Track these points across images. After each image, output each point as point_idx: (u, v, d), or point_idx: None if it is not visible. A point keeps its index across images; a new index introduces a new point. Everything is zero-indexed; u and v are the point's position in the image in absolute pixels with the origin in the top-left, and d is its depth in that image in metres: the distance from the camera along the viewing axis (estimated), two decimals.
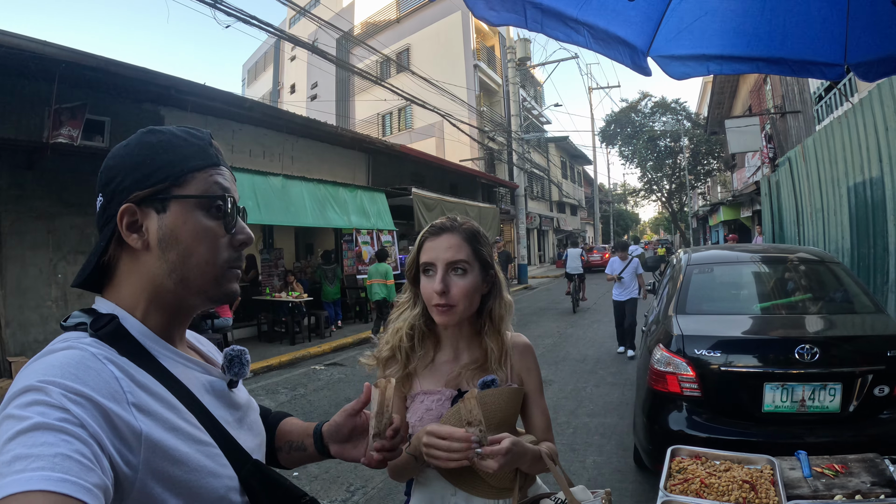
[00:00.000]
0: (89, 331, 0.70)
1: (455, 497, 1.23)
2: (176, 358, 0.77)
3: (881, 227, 5.53)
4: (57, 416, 0.55)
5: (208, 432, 0.73)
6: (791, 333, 2.99)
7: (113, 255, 0.76)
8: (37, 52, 6.29)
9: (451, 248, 1.23)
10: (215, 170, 0.79)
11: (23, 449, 0.52)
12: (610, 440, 4.32)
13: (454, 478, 1.21)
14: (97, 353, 0.65)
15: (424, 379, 1.30)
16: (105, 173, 0.76)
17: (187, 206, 0.75)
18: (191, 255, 0.75)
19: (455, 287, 1.21)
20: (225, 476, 0.72)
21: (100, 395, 0.60)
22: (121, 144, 0.78)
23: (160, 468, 0.64)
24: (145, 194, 0.74)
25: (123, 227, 0.73)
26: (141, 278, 0.75)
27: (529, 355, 1.35)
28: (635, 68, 1.82)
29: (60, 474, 0.51)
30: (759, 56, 2.15)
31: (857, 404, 2.71)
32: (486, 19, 1.31)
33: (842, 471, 1.58)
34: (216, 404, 0.79)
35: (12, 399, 0.58)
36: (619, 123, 33.40)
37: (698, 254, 4.07)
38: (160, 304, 0.76)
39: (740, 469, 1.52)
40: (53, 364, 0.61)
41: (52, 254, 7.43)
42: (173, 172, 0.75)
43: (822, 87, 10.56)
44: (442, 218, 1.31)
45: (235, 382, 0.86)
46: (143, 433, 0.63)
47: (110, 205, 0.74)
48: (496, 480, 1.17)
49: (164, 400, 0.69)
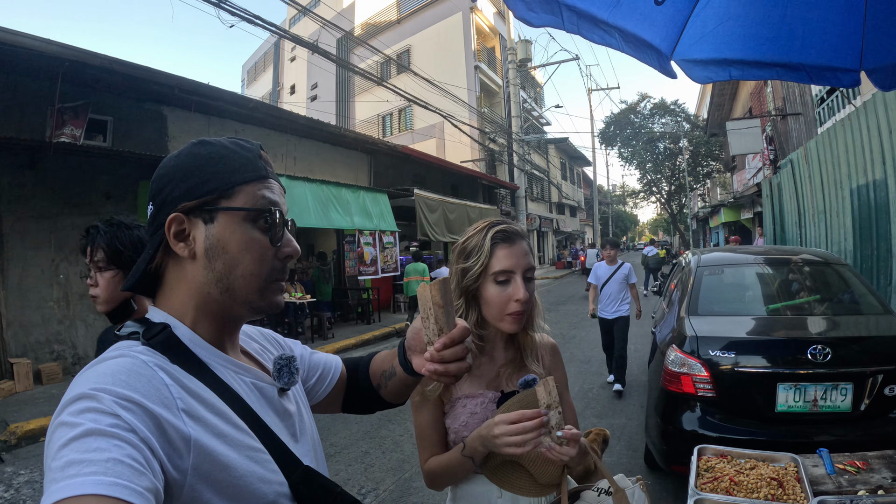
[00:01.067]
0: (142, 339, 0.72)
1: (501, 500, 1.24)
2: (227, 365, 0.78)
3: (884, 230, 5.56)
4: (108, 421, 0.57)
5: (258, 438, 0.74)
6: (803, 334, 3.02)
7: (161, 262, 0.78)
8: (40, 50, 6.28)
9: (527, 255, 1.25)
10: (263, 182, 0.80)
11: (76, 454, 0.53)
12: (619, 441, 4.33)
13: (500, 479, 1.22)
14: (148, 361, 0.67)
15: (462, 383, 1.30)
16: (156, 183, 0.78)
17: (235, 217, 0.76)
18: (237, 265, 0.76)
19: (531, 293, 1.24)
20: (275, 482, 0.73)
21: (150, 402, 0.62)
22: (172, 154, 0.80)
23: (209, 473, 0.65)
24: (193, 205, 0.75)
25: (171, 236, 0.75)
26: (188, 287, 0.77)
27: (556, 354, 1.41)
28: (662, 71, 1.84)
29: (112, 478, 0.52)
30: (778, 62, 2.17)
31: (868, 403, 2.74)
32: (526, 20, 1.32)
33: (863, 467, 1.61)
34: (266, 410, 0.80)
35: (65, 407, 0.59)
36: (619, 125, 33.46)
37: (707, 256, 4.10)
38: (207, 312, 0.78)
39: (766, 467, 1.54)
40: (105, 372, 0.63)
41: (54, 254, 7.41)
42: (222, 184, 0.76)
43: (824, 89, 10.60)
44: (499, 223, 1.27)
45: (286, 390, 0.86)
46: (192, 438, 0.64)
47: (160, 213, 0.76)
48: (544, 476, 1.18)
49: (214, 406, 0.70)
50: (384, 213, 11.78)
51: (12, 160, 6.92)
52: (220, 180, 0.76)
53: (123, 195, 7.95)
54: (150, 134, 8.60)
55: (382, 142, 14.59)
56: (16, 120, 6.96)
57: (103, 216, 1.58)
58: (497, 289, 1.23)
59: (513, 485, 1.21)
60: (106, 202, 7.82)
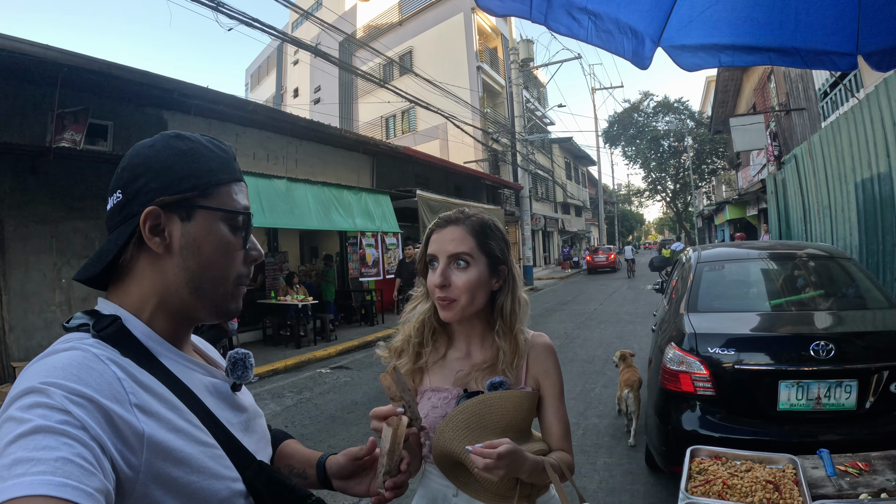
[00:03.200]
0: (92, 331, 0.69)
1: (457, 498, 1.20)
2: (179, 360, 0.76)
3: (890, 223, 5.47)
4: (58, 418, 0.55)
5: (211, 434, 0.72)
6: (805, 330, 2.94)
7: (130, 255, 0.75)
8: (39, 56, 6.29)
9: (454, 241, 1.19)
10: (238, 185, 0.81)
11: (24, 452, 0.52)
12: (620, 442, 4.26)
13: (455, 478, 1.18)
14: (99, 354, 0.65)
15: (435, 375, 1.27)
16: (129, 171, 0.76)
17: (212, 217, 0.76)
18: (210, 266, 0.76)
19: (457, 280, 1.17)
20: (228, 478, 0.72)
21: (102, 396, 0.60)
22: (145, 144, 0.78)
23: (162, 469, 0.63)
24: (172, 200, 0.74)
25: (146, 230, 0.73)
26: (154, 282, 0.75)
27: (549, 357, 1.27)
28: (635, 60, 1.77)
29: (62, 478, 0.51)
30: (771, 46, 2.11)
31: (873, 401, 2.65)
32: (489, 10, 1.27)
33: (865, 469, 1.53)
34: (220, 406, 0.79)
35: (14, 401, 0.57)
36: (622, 124, 33.37)
37: (708, 251, 4.02)
38: (169, 309, 0.76)
39: (762, 469, 1.47)
40: (55, 365, 0.61)
41: (56, 258, 7.43)
42: (201, 182, 0.76)
43: (827, 83, 10.49)
44: (453, 210, 1.27)
45: (239, 386, 0.85)
46: (145, 434, 0.62)
47: (131, 204, 0.74)
48: (495, 487, 1.13)
49: (167, 401, 0.68)
50: (386, 214, 11.75)
51: (13, 166, 6.94)
52: (200, 178, 0.76)
53: None
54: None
55: (384, 143, 14.57)
56: (16, 126, 6.99)
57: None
58: (430, 273, 1.22)
59: (468, 486, 1.17)
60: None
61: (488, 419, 1.12)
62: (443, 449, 1.13)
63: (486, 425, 1.12)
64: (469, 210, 1.27)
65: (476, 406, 1.13)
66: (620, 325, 10.18)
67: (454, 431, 1.11)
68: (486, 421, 1.12)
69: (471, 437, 1.08)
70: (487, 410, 1.13)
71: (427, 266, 1.24)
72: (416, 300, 1.32)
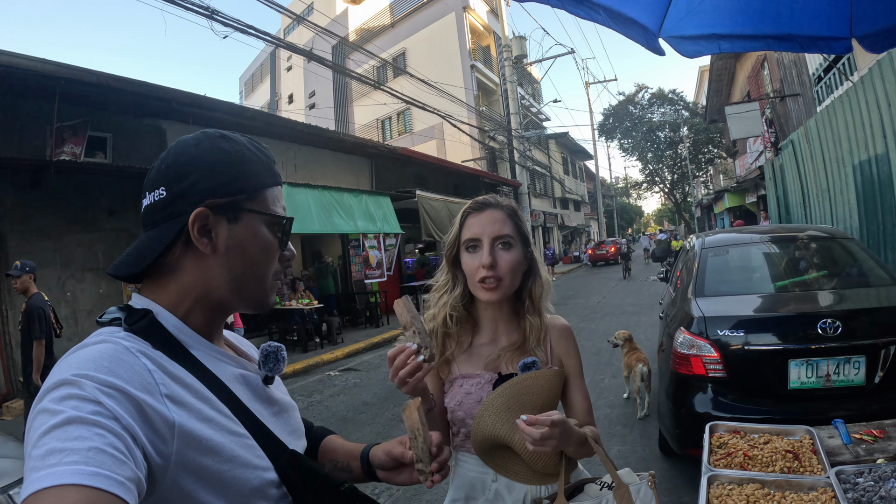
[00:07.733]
0: (123, 325, 0.70)
1: (496, 484, 1.22)
2: (210, 352, 0.77)
3: (889, 204, 5.50)
4: (90, 409, 0.56)
5: (242, 424, 0.73)
6: (812, 309, 2.98)
7: (175, 254, 0.76)
8: (36, 70, 6.31)
9: (496, 223, 1.23)
10: (278, 189, 0.84)
11: (57, 443, 0.53)
12: (633, 430, 4.30)
13: (495, 463, 1.19)
14: (130, 347, 0.66)
15: (463, 363, 1.29)
16: (174, 168, 0.75)
17: (257, 219, 0.78)
18: (252, 266, 0.78)
19: (502, 261, 1.21)
20: (259, 467, 0.72)
21: (133, 387, 0.61)
22: (189, 142, 0.78)
23: (193, 459, 0.64)
24: (223, 202, 0.75)
25: (195, 231, 0.73)
26: (196, 280, 0.76)
27: (569, 337, 1.33)
28: (649, 48, 1.82)
29: (94, 468, 0.52)
30: (768, 34, 2.15)
31: (882, 375, 2.69)
32: None
33: (880, 435, 1.58)
34: (251, 397, 0.79)
35: (47, 393, 0.58)
36: (617, 117, 33.37)
37: (711, 237, 4.06)
38: (207, 305, 0.78)
39: (780, 440, 1.51)
40: (87, 358, 0.62)
41: (60, 272, 7.45)
42: (249, 186, 0.78)
43: (821, 68, 10.52)
44: (483, 196, 1.30)
45: (271, 378, 0.87)
46: (175, 423, 0.63)
47: (176, 202, 0.74)
48: (540, 465, 1.14)
49: (198, 391, 0.70)
50: (387, 215, 11.78)
51: (14, 180, 6.97)
52: (248, 181, 0.78)
53: (126, 210, 7.97)
54: (150, 148, 8.62)
55: (382, 145, 14.60)
56: (16, 140, 7.01)
57: (106, 232, 1.57)
58: (468, 257, 1.24)
59: (508, 469, 1.18)
60: (109, 218, 7.86)
61: (526, 400, 1.14)
62: (485, 434, 1.13)
63: (524, 405, 1.13)
64: (498, 196, 1.31)
65: (514, 387, 1.14)
66: (625, 317, 10.22)
67: (496, 415, 1.12)
68: (525, 402, 1.13)
69: (512, 420, 1.09)
70: (525, 391, 1.14)
71: (459, 251, 1.27)
72: (439, 289, 1.33)
